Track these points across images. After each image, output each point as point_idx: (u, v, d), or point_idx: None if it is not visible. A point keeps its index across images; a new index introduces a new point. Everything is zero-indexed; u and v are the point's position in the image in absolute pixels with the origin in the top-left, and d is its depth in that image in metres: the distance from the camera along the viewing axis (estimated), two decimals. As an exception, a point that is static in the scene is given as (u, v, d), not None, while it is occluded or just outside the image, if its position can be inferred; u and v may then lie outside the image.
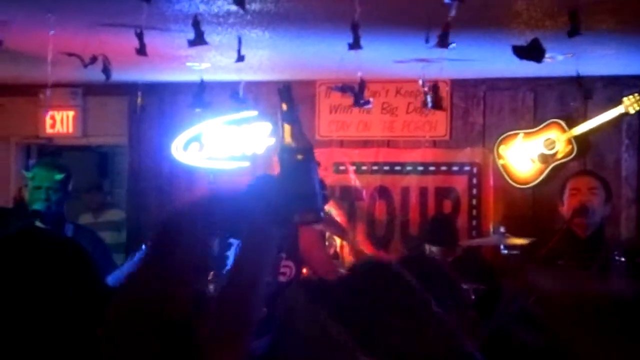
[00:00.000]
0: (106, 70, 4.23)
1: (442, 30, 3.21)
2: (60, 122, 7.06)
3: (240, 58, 3.97)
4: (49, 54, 4.11)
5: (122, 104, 6.72)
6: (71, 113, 7.06)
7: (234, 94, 4.61)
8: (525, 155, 6.09)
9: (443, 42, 3.24)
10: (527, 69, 4.49)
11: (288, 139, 1.46)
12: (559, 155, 6.02)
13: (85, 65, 4.25)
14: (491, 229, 6.10)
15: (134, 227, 6.86)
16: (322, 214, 1.46)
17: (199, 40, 3.52)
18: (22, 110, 6.94)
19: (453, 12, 2.90)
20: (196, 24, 3.48)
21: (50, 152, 7.37)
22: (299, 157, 1.44)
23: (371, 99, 4.73)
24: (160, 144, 6.75)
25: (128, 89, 6.08)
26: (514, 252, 4.78)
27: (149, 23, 3.66)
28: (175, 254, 1.40)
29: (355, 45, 3.23)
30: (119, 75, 4.64)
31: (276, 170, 1.50)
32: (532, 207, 6.07)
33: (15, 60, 5.36)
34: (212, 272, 3.67)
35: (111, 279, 3.43)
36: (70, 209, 4.44)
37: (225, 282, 1.47)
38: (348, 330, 1.31)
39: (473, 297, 4.12)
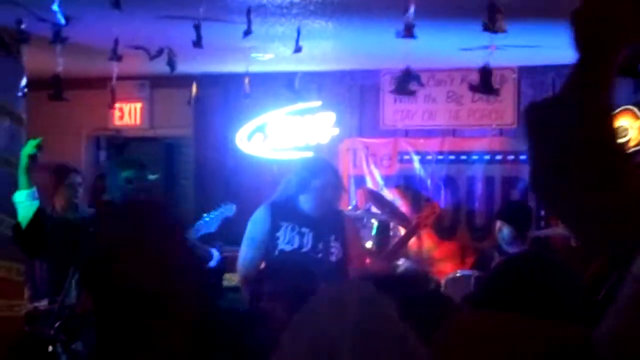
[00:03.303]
0: (171, 63, 4.28)
1: (495, 14, 3.13)
2: (128, 114, 7.19)
3: (298, 49, 3.96)
4: (114, 47, 4.18)
5: (188, 95, 6.79)
6: (138, 105, 7.19)
7: (289, 85, 4.61)
8: (596, 143, 5.93)
9: (494, 26, 3.15)
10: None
11: None
12: (632, 143, 5.84)
13: (152, 58, 4.31)
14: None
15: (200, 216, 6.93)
16: None
17: (249, 30, 3.54)
18: (91, 102, 7.08)
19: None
20: (248, 14, 3.50)
21: (119, 144, 7.51)
22: None
23: (416, 90, 4.61)
24: (224, 135, 6.80)
25: (193, 81, 6.15)
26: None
27: (213, 15, 3.69)
28: None
29: (407, 33, 3.18)
30: (185, 67, 4.69)
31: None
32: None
33: (83, 54, 5.48)
34: None
35: None
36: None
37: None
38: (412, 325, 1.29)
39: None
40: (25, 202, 3.89)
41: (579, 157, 0.95)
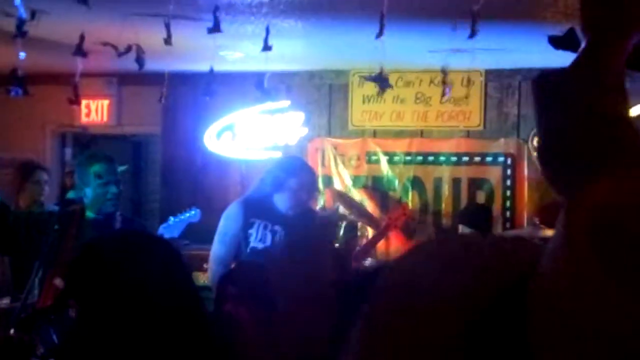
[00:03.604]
0: (139, 60, 4.25)
1: (471, 20, 3.17)
2: (95, 111, 7.12)
3: (267, 47, 3.96)
4: (80, 43, 4.14)
5: (156, 93, 6.75)
6: (106, 102, 7.13)
7: (259, 84, 4.61)
8: (561, 146, 6.00)
9: (471, 31, 3.20)
10: (564, 59, 4.41)
11: None
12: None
13: (120, 55, 4.28)
14: (525, 221, 6.04)
15: (167, 215, 6.90)
16: None
17: (216, 28, 3.53)
18: (57, 98, 7.01)
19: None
20: (215, 11, 3.49)
21: (86, 141, 7.44)
22: None
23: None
24: (193, 133, 6.78)
25: (162, 79, 6.12)
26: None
27: (181, 12, 3.67)
28: None
29: (380, 33, 3.20)
30: (153, 64, 4.66)
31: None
32: (567, 199, 5.99)
33: (51, 50, 5.42)
34: None
35: None
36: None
37: None
38: None
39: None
40: None
41: (593, 129, 0.91)
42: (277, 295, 2.00)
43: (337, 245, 5.72)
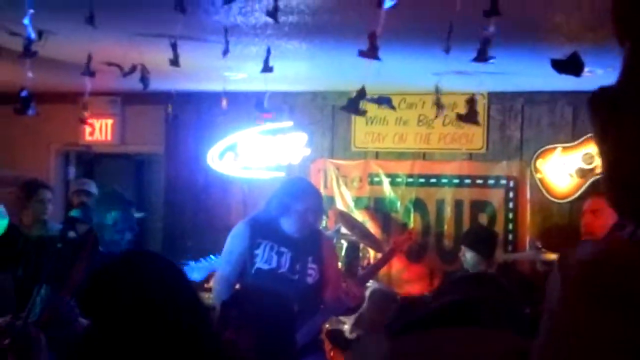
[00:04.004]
0: (144, 80, 4.27)
1: (482, 44, 3.18)
2: (99, 130, 7.15)
3: (268, 68, 3.98)
4: (87, 63, 4.17)
5: (160, 112, 6.78)
6: (110, 121, 7.16)
7: (259, 104, 4.62)
8: (563, 169, 6.02)
9: (482, 57, 3.21)
10: (566, 82, 4.43)
11: None
12: (598, 170, 5.93)
13: (125, 75, 4.30)
14: (527, 244, 6.03)
15: (170, 234, 6.91)
16: None
17: (227, 50, 3.56)
18: (62, 117, 7.04)
19: (491, 27, 2.88)
20: (225, 34, 3.52)
21: (89, 160, 7.46)
22: None
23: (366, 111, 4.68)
24: (196, 152, 6.80)
25: (165, 98, 6.15)
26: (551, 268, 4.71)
27: (186, 33, 3.70)
28: None
29: (371, 54, 3.21)
30: (157, 84, 4.69)
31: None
32: (569, 222, 5.99)
33: (56, 69, 5.45)
34: None
35: None
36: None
37: None
38: None
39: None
40: None
41: None
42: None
43: (339, 265, 5.71)
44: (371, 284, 5.08)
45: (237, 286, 3.88)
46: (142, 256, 1.86)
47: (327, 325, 4.62)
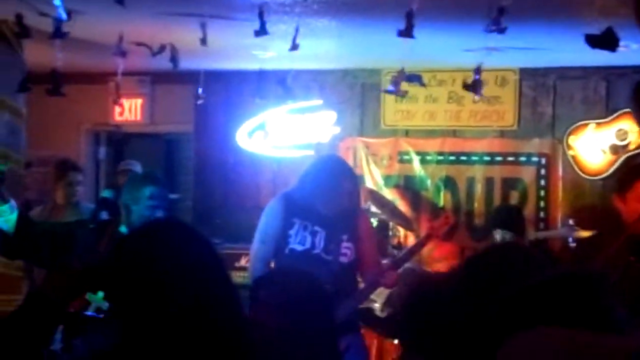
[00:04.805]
0: (174, 59, 4.28)
1: (496, 15, 3.13)
2: (128, 109, 7.19)
3: (295, 47, 3.95)
4: (118, 43, 4.18)
5: (189, 92, 6.79)
6: (139, 101, 7.19)
7: (282, 82, 4.57)
8: (596, 146, 5.93)
9: (498, 27, 3.15)
10: (600, 57, 4.36)
11: None
12: (632, 147, 5.84)
13: (154, 55, 4.31)
14: (559, 222, 5.97)
15: (200, 213, 6.94)
16: None
17: (262, 31, 3.53)
18: (92, 97, 7.08)
19: None
20: (261, 15, 3.49)
21: (119, 139, 7.51)
22: None
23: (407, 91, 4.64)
24: (225, 131, 6.80)
25: (195, 78, 6.15)
26: (583, 245, 4.66)
27: (215, 12, 3.68)
28: None
29: (406, 33, 3.17)
30: (186, 63, 4.69)
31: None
32: (602, 199, 5.91)
33: (86, 49, 5.47)
34: None
35: None
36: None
37: None
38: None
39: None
40: (6, 215, 3.85)
41: None
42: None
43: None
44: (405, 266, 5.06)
45: (272, 265, 3.87)
46: (167, 226, 1.81)
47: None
